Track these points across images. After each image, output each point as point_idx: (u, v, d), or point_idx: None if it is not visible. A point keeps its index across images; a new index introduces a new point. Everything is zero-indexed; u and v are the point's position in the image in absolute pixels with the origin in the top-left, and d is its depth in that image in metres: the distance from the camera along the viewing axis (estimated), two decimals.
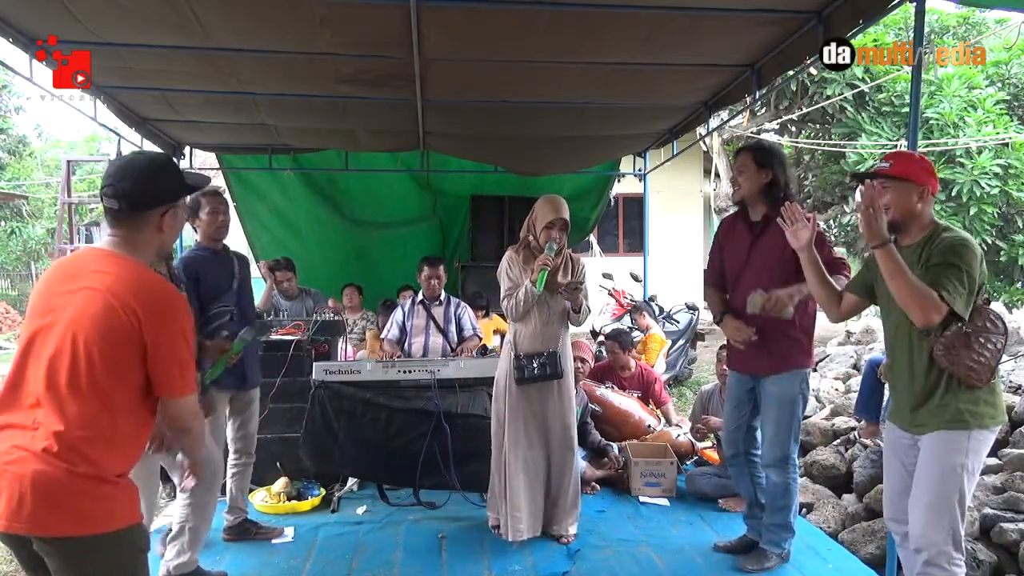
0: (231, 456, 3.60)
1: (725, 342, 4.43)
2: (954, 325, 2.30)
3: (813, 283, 2.68)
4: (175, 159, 2.03)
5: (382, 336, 5.11)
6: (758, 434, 3.39)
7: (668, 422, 5.05)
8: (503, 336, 5.95)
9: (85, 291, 1.72)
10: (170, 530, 3.14)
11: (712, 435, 4.51)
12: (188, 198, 3.38)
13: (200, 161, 7.49)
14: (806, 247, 2.64)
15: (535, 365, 3.50)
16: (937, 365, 2.33)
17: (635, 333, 7.23)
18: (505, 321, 6.21)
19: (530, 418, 3.57)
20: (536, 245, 3.54)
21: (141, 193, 1.81)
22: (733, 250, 3.33)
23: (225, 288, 3.36)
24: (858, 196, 10.02)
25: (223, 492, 3.60)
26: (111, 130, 5.24)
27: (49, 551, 1.67)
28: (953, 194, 9.10)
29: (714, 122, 7.70)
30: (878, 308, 2.61)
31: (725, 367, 4.28)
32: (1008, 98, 10.06)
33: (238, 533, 3.65)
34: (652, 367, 6.04)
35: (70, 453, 1.64)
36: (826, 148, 10.30)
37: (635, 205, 12.96)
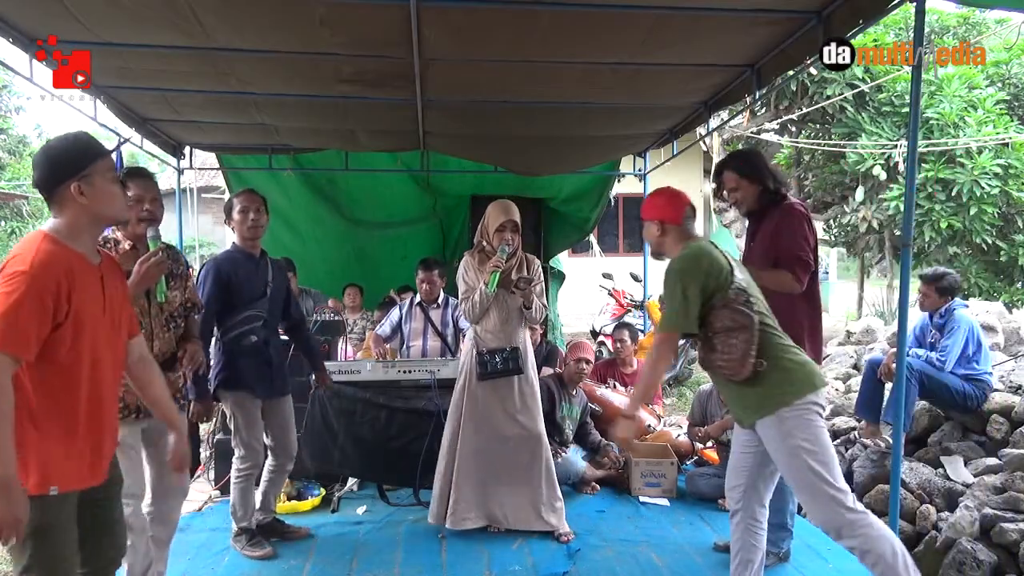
0: (268, 460, 3.61)
1: None
2: (700, 336, 2.56)
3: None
4: (85, 133, 1.99)
5: (375, 332, 5.11)
6: None
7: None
8: None
9: None
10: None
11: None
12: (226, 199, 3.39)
13: (200, 161, 7.49)
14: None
15: (498, 360, 3.60)
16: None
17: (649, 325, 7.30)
18: None
19: (489, 413, 3.64)
20: (490, 248, 3.62)
21: (43, 178, 1.95)
22: (747, 238, 3.42)
23: (258, 295, 3.38)
24: (859, 195, 10.02)
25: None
26: (111, 130, 5.24)
27: None
28: (953, 194, 9.10)
29: (714, 122, 7.71)
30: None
31: None
32: (1008, 98, 10.05)
33: (267, 532, 3.65)
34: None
35: None
36: (826, 148, 10.29)
37: (635, 205, 12.94)
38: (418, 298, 5.00)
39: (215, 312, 3.31)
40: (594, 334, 8.60)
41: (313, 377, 4.07)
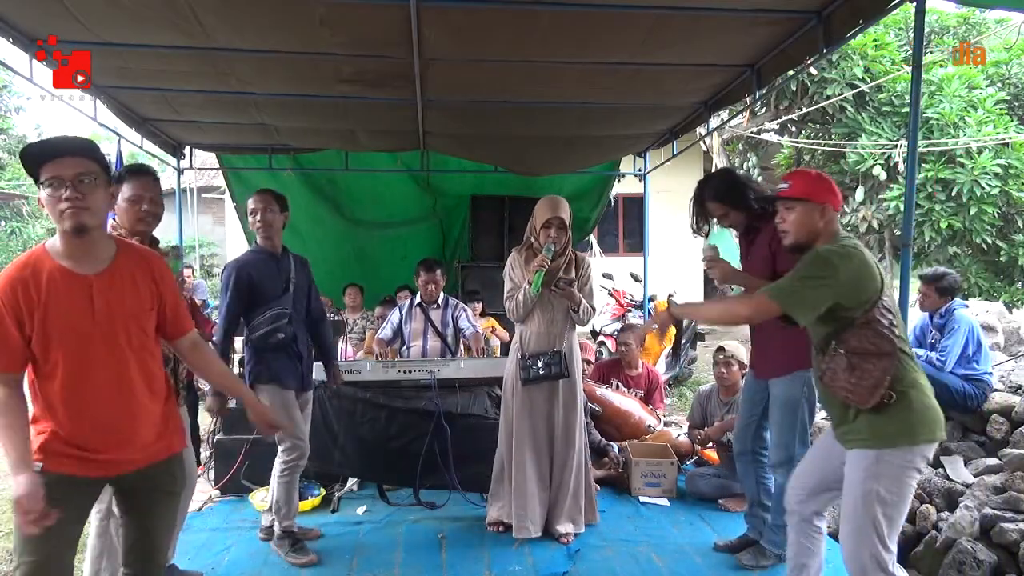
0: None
1: (721, 344, 4.46)
2: (829, 349, 2.30)
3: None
4: (37, 142, 1.96)
5: (377, 335, 5.12)
6: (767, 434, 3.41)
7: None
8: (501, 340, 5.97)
9: None
10: None
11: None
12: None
13: (200, 161, 7.49)
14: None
15: (539, 365, 3.52)
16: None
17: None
18: (497, 322, 6.24)
19: (535, 418, 3.59)
20: (537, 246, 3.55)
21: None
22: (740, 251, 3.42)
23: (279, 292, 3.40)
24: (859, 195, 10.02)
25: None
26: (111, 130, 5.24)
27: None
28: (953, 194, 9.10)
29: (714, 122, 7.71)
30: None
31: (722, 369, 4.31)
32: (1008, 98, 10.05)
33: (273, 533, 3.63)
34: (654, 365, 6.06)
35: None
36: (826, 148, 10.29)
37: (635, 205, 12.95)
38: (418, 298, 5.00)
39: (237, 315, 3.34)
40: (594, 334, 8.60)
41: (313, 376, 4.06)
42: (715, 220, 3.39)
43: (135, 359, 2.06)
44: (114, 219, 2.80)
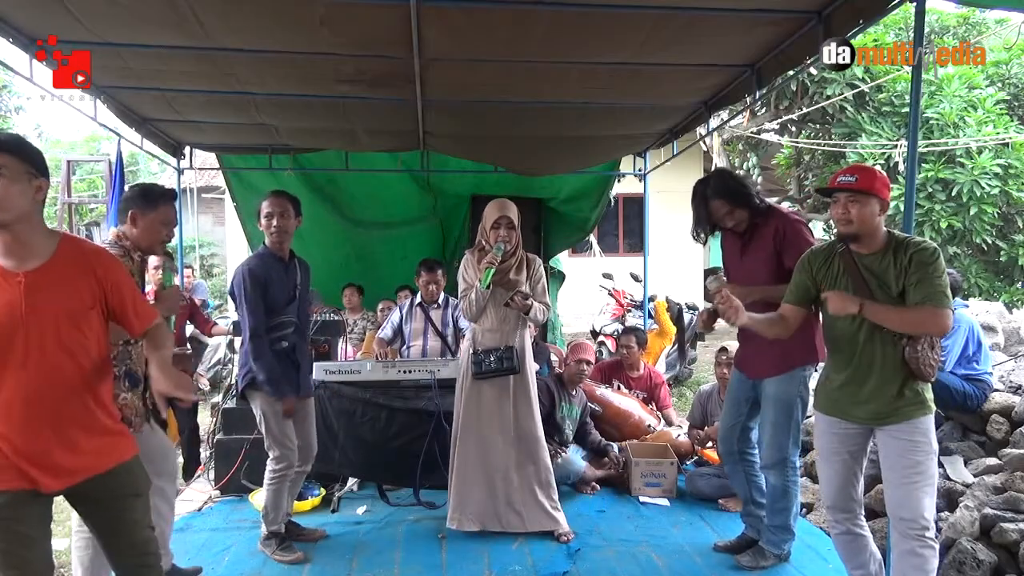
0: None
1: (724, 344, 4.46)
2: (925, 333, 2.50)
3: (764, 331, 2.82)
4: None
5: (377, 335, 5.13)
6: (753, 434, 3.43)
7: (669, 425, 5.05)
8: None
9: None
10: None
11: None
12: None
13: (200, 161, 7.49)
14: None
15: (491, 359, 3.60)
16: (908, 365, 2.50)
17: (651, 323, 7.32)
18: None
19: (483, 412, 3.64)
20: (489, 247, 3.62)
21: None
22: (730, 255, 3.45)
23: (288, 299, 3.38)
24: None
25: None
26: (111, 130, 5.24)
27: None
28: (953, 194, 9.09)
29: (714, 122, 7.71)
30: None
31: (725, 369, 4.31)
32: (1008, 98, 10.03)
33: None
34: (654, 365, 6.06)
35: None
36: (826, 148, 10.28)
37: (635, 205, 12.96)
38: (418, 298, 5.00)
39: (262, 315, 3.29)
40: (594, 334, 8.60)
41: (313, 376, 4.06)
42: (715, 224, 3.39)
43: (71, 361, 1.99)
44: (121, 229, 2.80)
